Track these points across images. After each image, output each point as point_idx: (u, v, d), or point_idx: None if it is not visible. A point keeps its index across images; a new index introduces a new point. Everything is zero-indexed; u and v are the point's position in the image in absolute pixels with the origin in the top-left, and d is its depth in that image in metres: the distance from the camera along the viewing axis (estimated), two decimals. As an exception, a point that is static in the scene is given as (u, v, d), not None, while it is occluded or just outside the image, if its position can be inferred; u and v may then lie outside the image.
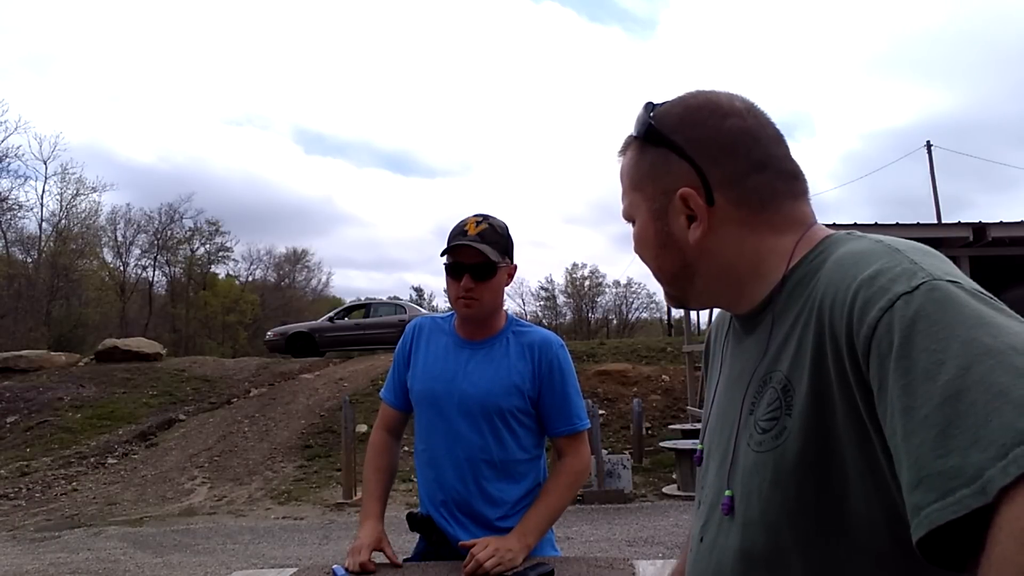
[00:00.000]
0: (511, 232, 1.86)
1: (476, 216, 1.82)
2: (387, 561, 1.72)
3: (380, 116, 76.39)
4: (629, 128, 0.85)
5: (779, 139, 0.80)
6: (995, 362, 0.50)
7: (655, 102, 0.82)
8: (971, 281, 0.59)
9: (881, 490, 0.60)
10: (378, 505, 1.84)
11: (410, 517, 1.84)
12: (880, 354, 0.56)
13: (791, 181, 0.79)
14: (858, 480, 0.61)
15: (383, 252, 71.05)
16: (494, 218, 1.83)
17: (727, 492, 0.74)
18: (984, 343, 0.51)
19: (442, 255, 1.79)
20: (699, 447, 0.88)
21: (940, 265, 0.61)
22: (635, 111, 0.83)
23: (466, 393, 1.77)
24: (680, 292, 0.84)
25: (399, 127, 76.72)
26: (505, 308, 1.93)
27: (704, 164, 0.76)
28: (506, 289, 1.86)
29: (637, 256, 0.86)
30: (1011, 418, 0.46)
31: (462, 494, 1.76)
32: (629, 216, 0.86)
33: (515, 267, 1.87)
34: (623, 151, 0.86)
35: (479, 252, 1.73)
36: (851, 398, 0.61)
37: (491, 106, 77.33)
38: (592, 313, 46.43)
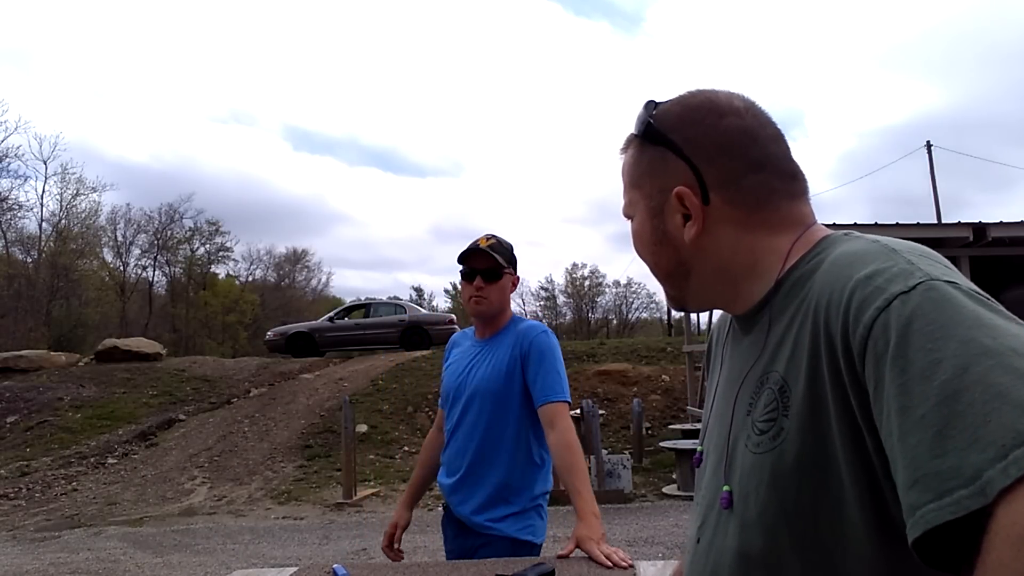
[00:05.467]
0: (515, 250, 2.24)
1: (487, 235, 2.22)
2: (390, 556, 2.22)
3: (368, 113, 76.25)
4: (625, 125, 0.85)
5: (778, 138, 0.79)
6: (994, 363, 0.49)
7: (656, 100, 0.82)
8: (969, 282, 0.59)
9: (875, 492, 0.59)
10: (411, 494, 2.34)
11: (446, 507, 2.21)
12: (876, 354, 0.56)
13: (789, 181, 0.78)
14: (853, 482, 0.60)
15: (378, 251, 71.04)
16: (501, 237, 2.23)
17: (725, 488, 0.73)
18: (983, 343, 0.50)
19: (459, 262, 2.17)
20: (699, 449, 0.87)
21: (937, 266, 0.60)
22: (636, 109, 0.83)
23: (472, 384, 2.11)
24: (678, 291, 0.84)
25: (387, 124, 76.64)
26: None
27: (700, 163, 0.77)
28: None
29: (636, 253, 0.87)
30: (1011, 419, 0.46)
31: (470, 470, 2.07)
32: (628, 213, 0.86)
33: (518, 278, 2.24)
34: (625, 148, 0.86)
35: (490, 257, 2.13)
36: (845, 399, 0.60)
37: (479, 104, 77.42)
38: (592, 313, 46.46)
